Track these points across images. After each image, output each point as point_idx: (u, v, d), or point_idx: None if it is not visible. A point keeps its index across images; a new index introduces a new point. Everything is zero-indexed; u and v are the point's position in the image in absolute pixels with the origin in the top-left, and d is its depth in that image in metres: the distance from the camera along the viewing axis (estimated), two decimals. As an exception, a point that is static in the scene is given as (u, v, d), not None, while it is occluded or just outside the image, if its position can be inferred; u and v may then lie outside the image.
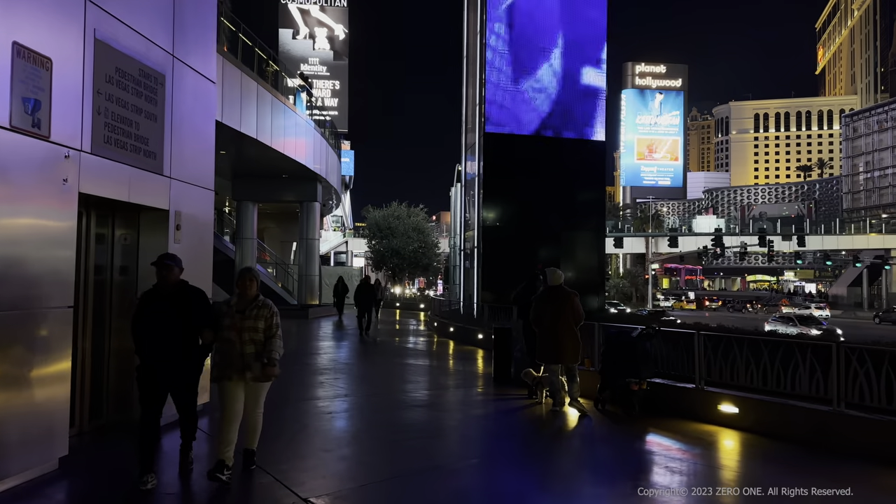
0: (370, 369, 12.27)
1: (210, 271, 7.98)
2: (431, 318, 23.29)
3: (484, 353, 15.14)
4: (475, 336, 16.72)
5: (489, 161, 22.29)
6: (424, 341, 18.79)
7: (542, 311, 8.13)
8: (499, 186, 22.31)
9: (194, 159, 7.49)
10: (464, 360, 13.99)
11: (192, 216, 7.38)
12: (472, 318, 19.66)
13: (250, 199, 29.51)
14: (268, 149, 22.29)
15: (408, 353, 15.43)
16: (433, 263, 45.79)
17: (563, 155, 22.81)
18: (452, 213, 44.94)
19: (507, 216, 22.34)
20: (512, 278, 22.57)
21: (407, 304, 40.29)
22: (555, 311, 8.03)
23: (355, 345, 16.77)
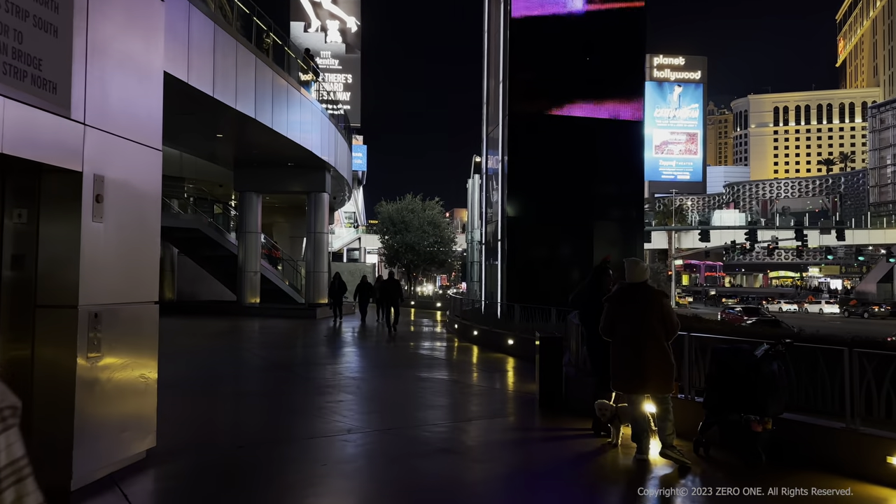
0: (382, 386, 9.99)
1: (156, 267, 5.70)
2: (451, 318, 21.01)
3: (515, 362, 12.85)
4: (503, 341, 14.43)
5: (514, 146, 20.00)
6: (444, 347, 16.51)
7: (617, 317, 5.83)
8: (525, 174, 20.00)
9: (128, 102, 5.22)
10: (494, 374, 11.68)
11: (125, 185, 5.11)
12: (497, 319, 17.37)
13: (253, 189, 27.34)
14: (270, 132, 20.07)
15: (426, 364, 13.15)
16: (449, 259, 43.47)
17: (596, 138, 20.47)
18: (470, 206, 42.56)
19: (535, 206, 20.02)
20: (540, 274, 20.30)
21: (423, 303, 38.00)
22: (636, 317, 5.72)
23: (366, 352, 14.52)
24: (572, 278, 20.56)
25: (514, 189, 19.93)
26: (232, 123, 19.11)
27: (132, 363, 5.27)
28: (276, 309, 26.56)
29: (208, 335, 18.87)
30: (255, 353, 13.54)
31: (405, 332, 20.13)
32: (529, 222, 19.91)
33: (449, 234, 41.86)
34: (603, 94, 20.64)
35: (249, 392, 9.10)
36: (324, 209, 27.62)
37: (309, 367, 11.83)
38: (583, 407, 7.72)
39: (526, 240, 19.94)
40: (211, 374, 10.74)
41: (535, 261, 20.02)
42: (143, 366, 5.41)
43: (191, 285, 33.86)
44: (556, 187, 20.06)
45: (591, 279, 7.02)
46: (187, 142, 23.53)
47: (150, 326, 5.58)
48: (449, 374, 11.33)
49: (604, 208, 20.49)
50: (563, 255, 20.24)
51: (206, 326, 21.55)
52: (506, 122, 20.28)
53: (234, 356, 13.27)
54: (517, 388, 9.84)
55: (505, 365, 12.78)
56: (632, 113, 20.93)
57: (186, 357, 13.22)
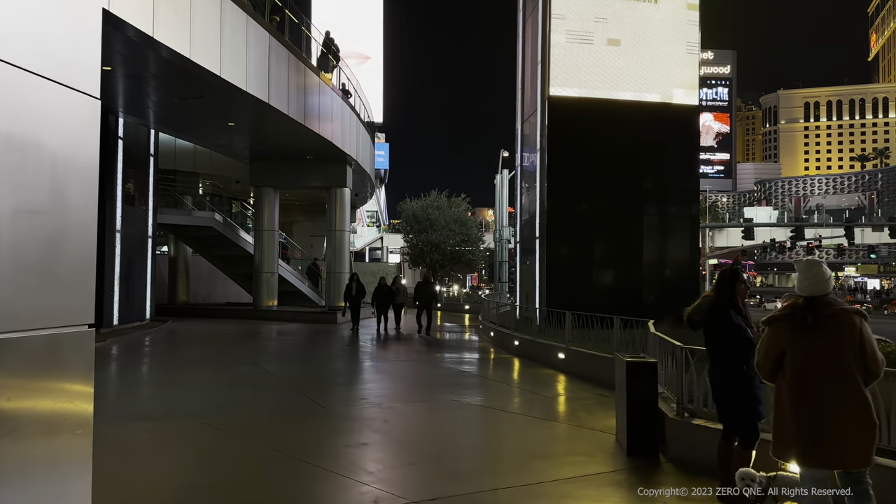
0: (415, 420, 8.02)
1: (92, 271, 3.77)
2: (484, 324, 19.04)
3: (568, 381, 10.87)
4: (551, 355, 12.44)
5: (554, 134, 18.01)
6: (481, 360, 14.55)
7: (790, 348, 3.85)
8: (566, 164, 18.02)
9: (34, 19, 3.32)
10: (548, 399, 9.67)
11: (29, 143, 3.22)
12: (536, 326, 15.40)
13: (270, 184, 25.57)
14: (285, 119, 18.25)
15: (464, 384, 11.19)
16: (476, 259, 41.46)
17: (645, 123, 18.40)
18: (497, 203, 40.50)
19: (577, 200, 18.05)
20: (583, 276, 18.22)
21: (450, 305, 35.99)
22: (822, 350, 3.72)
23: (391, 367, 12.60)
24: (620, 280, 18.57)
25: (555, 181, 17.94)
26: (243, 109, 17.32)
27: (46, 423, 3.34)
28: (294, 313, 24.79)
29: (216, 343, 17.13)
30: (265, 370, 11.69)
31: (434, 341, 18.20)
32: (571, 217, 17.93)
33: (476, 233, 39.86)
34: (651, 73, 18.59)
35: (249, 430, 7.20)
36: (345, 205, 25.79)
37: (326, 389, 9.92)
38: (690, 460, 5.72)
39: (567, 237, 17.96)
40: (207, 401, 8.89)
41: (577, 260, 18.03)
42: (63, 426, 3.48)
43: (206, 287, 32.24)
44: (601, 178, 18.07)
45: (719, 288, 5.01)
46: (198, 132, 21.80)
47: (79, 363, 3.65)
48: (495, 401, 9.35)
49: (654, 202, 18.47)
50: (609, 255, 18.22)
51: (216, 333, 19.83)
52: (544, 109, 18.29)
53: (238, 374, 11.44)
54: (585, 421, 7.85)
55: (557, 385, 10.80)
56: (684, 94, 18.84)
57: (183, 375, 11.44)
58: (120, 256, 18.70)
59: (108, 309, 18.16)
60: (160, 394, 9.35)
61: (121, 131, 18.69)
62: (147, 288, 21.15)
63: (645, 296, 18.03)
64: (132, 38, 11.76)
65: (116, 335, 17.36)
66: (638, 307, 17.70)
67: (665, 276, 18.31)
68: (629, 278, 18.19)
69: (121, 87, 15.59)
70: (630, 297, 17.95)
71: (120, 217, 18.66)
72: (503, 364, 13.38)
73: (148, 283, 21.20)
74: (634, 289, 18.08)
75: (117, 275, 18.58)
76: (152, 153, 21.32)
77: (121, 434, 6.71)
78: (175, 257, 29.71)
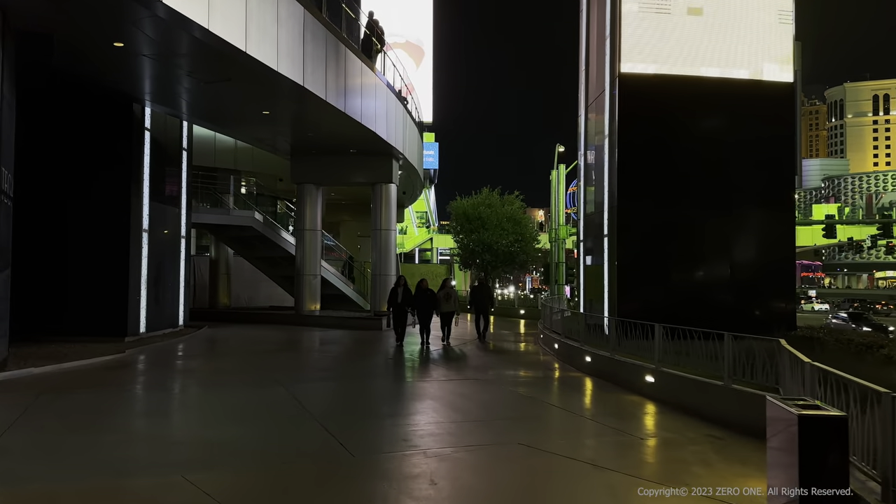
0: (470, 482, 5.87)
1: None
2: (546, 333, 16.86)
3: (660, 413, 8.68)
4: (636, 377, 10.24)
5: (627, 116, 15.78)
6: (545, 380, 12.41)
7: None
8: (641, 152, 15.80)
9: None
10: (647, 447, 7.46)
11: None
12: (611, 338, 13.17)
13: (312, 180, 23.91)
14: (324, 106, 16.47)
15: (530, 415, 9.06)
16: (530, 260, 39.16)
17: (733, 103, 15.99)
18: (554, 200, 38.11)
19: (654, 192, 15.78)
20: (661, 278, 15.89)
21: (503, 310, 33.82)
22: None
23: (444, 392, 10.59)
24: (702, 284, 16.16)
25: (627, 170, 15.72)
26: (276, 94, 15.59)
27: None
28: (338, 318, 23.04)
29: (245, 355, 15.43)
30: (291, 391, 9.82)
31: (489, 353, 16.14)
32: (646, 212, 15.68)
33: (531, 232, 37.54)
34: (738, 45, 16.18)
35: (239, 496, 5.28)
36: (391, 203, 23.94)
37: (358, 422, 7.94)
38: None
39: (641, 235, 15.71)
40: (203, 441, 7.02)
41: (652, 261, 15.75)
42: None
43: (249, 290, 30.87)
44: (680, 168, 15.79)
45: None
46: (232, 123, 20.21)
47: None
48: (575, 445, 7.16)
49: (743, 196, 16.04)
50: (690, 255, 15.86)
51: (250, 342, 18.20)
52: (614, 89, 16.09)
53: (258, 398, 9.59)
54: (706, 481, 5.66)
55: (648, 418, 8.61)
56: (777, 69, 16.33)
57: (188, 400, 9.70)
58: (148, 258, 17.21)
59: (134, 315, 16.68)
60: (149, 429, 7.53)
61: (147, 122, 17.20)
62: (180, 292, 19.66)
63: (732, 303, 15.65)
64: (138, 2, 10.09)
65: (142, 344, 15.85)
66: (724, 316, 15.27)
67: (755, 281, 15.87)
68: (713, 283, 15.82)
69: (140, 69, 14.01)
70: (715, 305, 15.59)
71: (147, 215, 17.17)
72: (574, 386, 11.20)
73: (181, 287, 19.72)
74: (720, 295, 15.70)
75: (144, 278, 17.08)
76: (185, 147, 19.83)
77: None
78: (216, 259, 28.37)
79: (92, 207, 16.49)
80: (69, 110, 16.30)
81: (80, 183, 16.42)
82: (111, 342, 15.53)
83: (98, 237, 16.48)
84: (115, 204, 16.48)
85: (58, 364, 12.19)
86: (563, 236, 36.15)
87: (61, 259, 16.44)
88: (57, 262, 16.45)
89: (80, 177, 16.41)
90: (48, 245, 16.47)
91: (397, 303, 16.90)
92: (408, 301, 16.81)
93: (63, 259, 16.44)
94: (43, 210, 16.42)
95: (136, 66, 13.78)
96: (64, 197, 16.41)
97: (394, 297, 17.11)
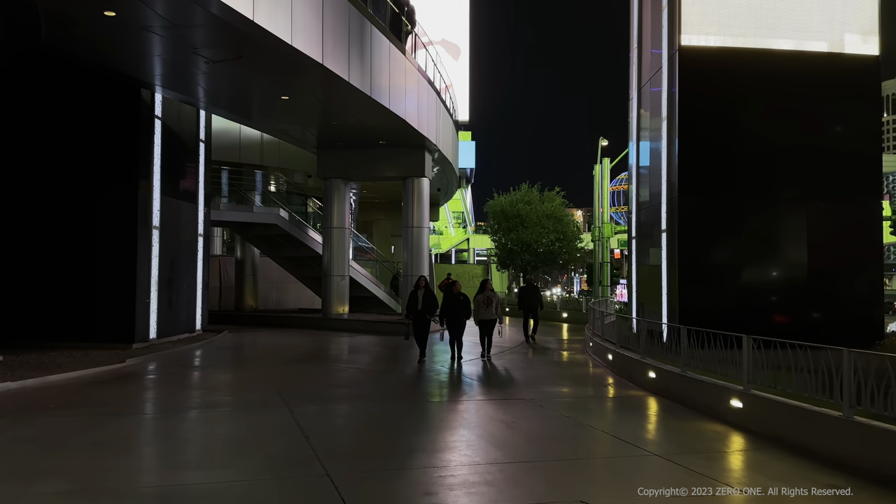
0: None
1: None
2: (595, 341, 14.98)
3: (756, 452, 6.82)
4: (718, 400, 8.37)
5: (688, 94, 13.89)
6: (601, 400, 10.59)
7: None
8: (704, 135, 13.94)
9: None
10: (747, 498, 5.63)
11: None
12: (662, 344, 11.27)
13: (340, 175, 22.41)
14: (348, 89, 14.91)
15: (590, 452, 7.27)
16: (572, 260, 37.11)
17: (808, 80, 13.97)
18: (597, 197, 36.03)
19: (720, 180, 13.90)
20: (729, 279, 13.78)
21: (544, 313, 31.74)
22: None
23: (478, 420, 8.85)
24: (777, 286, 14.15)
25: (689, 157, 13.82)
26: (294, 74, 14.06)
27: None
28: (367, 322, 21.47)
29: (259, 365, 13.90)
30: (298, 416, 8.21)
31: (534, 363, 14.35)
32: (710, 204, 13.82)
33: (573, 230, 35.51)
34: (814, 14, 14.17)
35: None
36: (423, 198, 22.29)
37: (372, 465, 6.23)
38: None
39: (705, 230, 13.83)
40: (183, 495, 5.40)
41: (718, 260, 13.84)
42: None
43: (277, 291, 29.55)
44: (749, 154, 13.85)
45: None
46: (252, 111, 18.77)
47: None
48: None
49: (822, 185, 13.98)
50: (761, 253, 13.88)
51: (268, 349, 16.73)
52: (674, 64, 14.22)
53: (256, 425, 7.98)
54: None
55: (740, 459, 6.76)
56: (860, 41, 14.27)
57: (171, 426, 8.08)
58: (160, 258, 15.86)
59: (143, 320, 15.32)
60: (99, 473, 5.82)
61: (158, 109, 15.84)
62: (198, 294, 18.29)
63: (812, 309, 13.63)
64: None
65: (151, 351, 14.47)
66: (800, 322, 13.34)
67: (836, 283, 13.81)
68: (790, 284, 13.79)
69: (137, 46, 12.57)
70: (789, 309, 13.60)
71: (158, 211, 15.81)
72: (637, 410, 9.34)
73: (199, 289, 18.35)
74: (798, 299, 13.69)
75: (155, 279, 15.72)
76: (202, 138, 18.46)
77: None
78: (242, 260, 27.09)
79: (97, 203, 15.20)
80: (68, 96, 15.04)
81: (83, 176, 15.13)
82: (117, 349, 14.21)
83: (103, 235, 15.19)
84: (121, 199, 15.15)
85: (45, 377, 10.79)
86: (607, 234, 34.06)
87: (67, 260, 15.19)
88: (63, 263, 15.20)
89: (84, 169, 15.13)
90: (53, 245, 15.25)
91: (417, 310, 13.38)
92: (429, 306, 13.37)
93: (69, 260, 15.19)
94: (46, 207, 15.21)
95: (132, 42, 12.37)
96: (67, 192, 15.16)
97: (413, 302, 13.50)
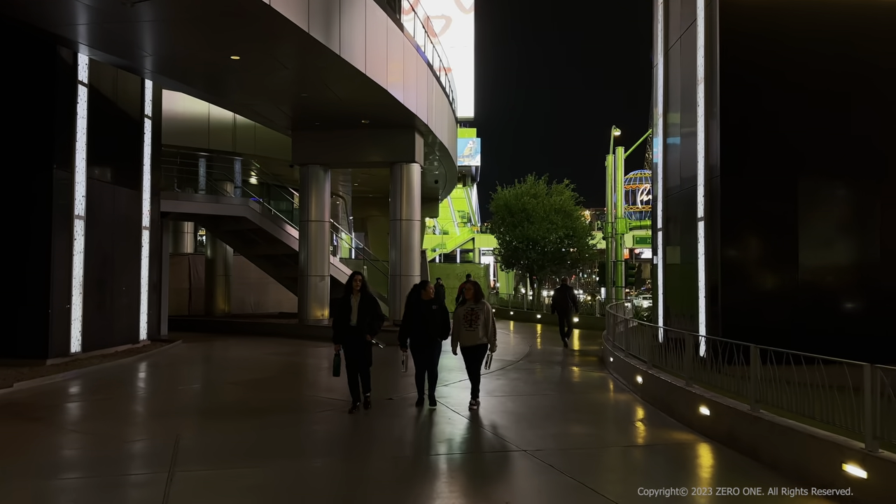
0: None
1: None
2: (617, 357, 12.04)
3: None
4: (827, 464, 5.45)
5: (730, 51, 11.08)
6: (640, 453, 7.67)
7: None
8: (749, 101, 11.11)
9: None
10: None
11: None
12: (751, 378, 8.32)
13: (318, 160, 19.55)
14: (318, 49, 12.05)
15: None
16: (583, 258, 34.12)
17: (874, 34, 11.11)
18: (610, 189, 33.03)
19: (768, 156, 11.06)
20: (784, 277, 10.39)
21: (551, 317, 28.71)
22: None
23: (479, 486, 5.96)
24: (845, 284, 11.27)
25: (733, 132, 10.98)
26: (235, 19, 11.15)
27: None
28: (347, 329, 18.53)
29: (199, 396, 10.98)
30: (223, 491, 5.30)
31: (542, 388, 11.42)
32: (759, 186, 10.95)
33: (583, 225, 32.53)
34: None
35: None
36: (413, 187, 19.42)
37: None
38: None
39: (753, 217, 10.98)
40: None
41: (770, 254, 10.97)
42: None
43: (256, 293, 26.66)
44: (807, 125, 11.00)
45: None
46: (197, 76, 15.70)
47: None
48: None
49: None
50: (821, 245, 10.98)
51: (220, 368, 13.95)
52: (712, 14, 11.41)
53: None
54: None
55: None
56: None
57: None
58: (85, 253, 13.04)
59: (62, 330, 12.48)
60: None
61: (83, 73, 13.01)
62: (141, 297, 15.45)
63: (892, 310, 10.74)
64: None
65: (67, 369, 11.65)
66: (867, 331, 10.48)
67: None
68: (863, 280, 10.87)
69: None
70: (870, 314, 10.70)
71: (84, 197, 12.99)
72: (693, 471, 6.40)
73: (143, 292, 15.51)
74: (873, 298, 10.80)
75: (79, 280, 12.89)
76: (148, 113, 15.63)
77: None
78: (213, 258, 24.21)
79: (4, 188, 12.42)
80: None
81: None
82: (24, 366, 11.43)
83: (15, 228, 12.41)
84: (33, 182, 12.35)
85: None
86: (621, 230, 31.08)
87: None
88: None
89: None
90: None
91: (350, 326, 8.41)
92: (370, 321, 8.48)
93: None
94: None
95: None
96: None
97: (342, 315, 8.49)
